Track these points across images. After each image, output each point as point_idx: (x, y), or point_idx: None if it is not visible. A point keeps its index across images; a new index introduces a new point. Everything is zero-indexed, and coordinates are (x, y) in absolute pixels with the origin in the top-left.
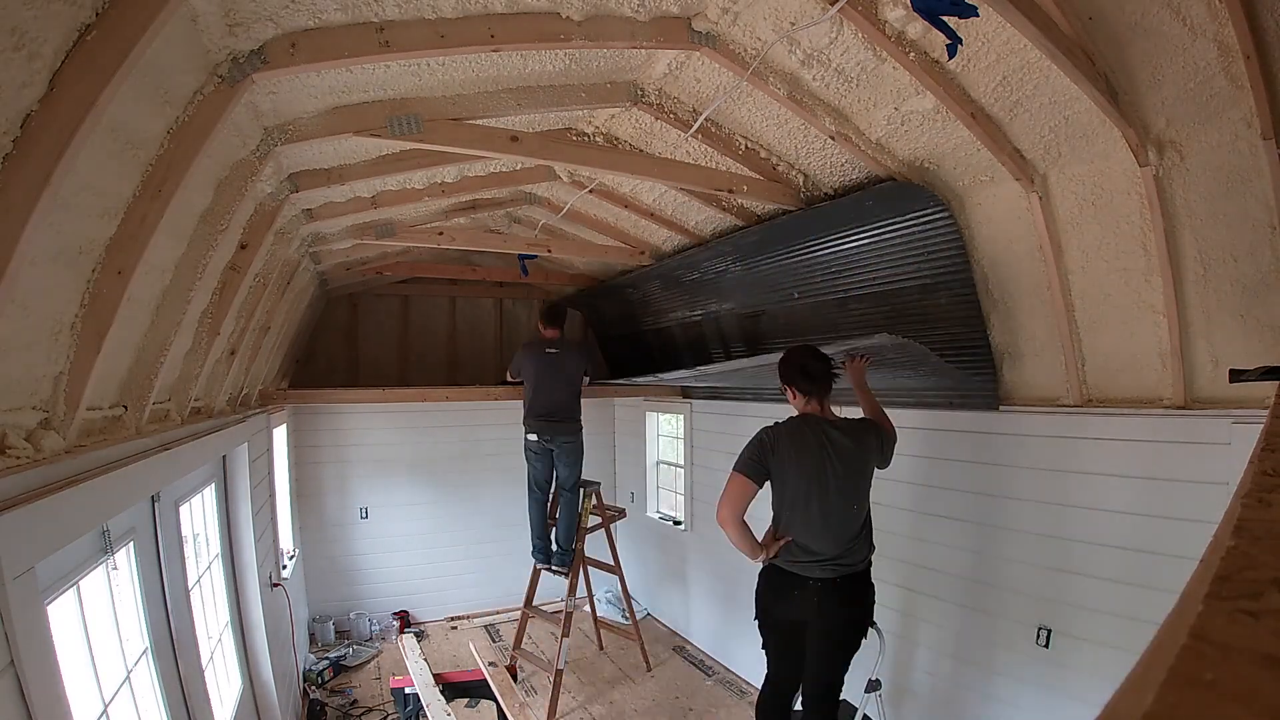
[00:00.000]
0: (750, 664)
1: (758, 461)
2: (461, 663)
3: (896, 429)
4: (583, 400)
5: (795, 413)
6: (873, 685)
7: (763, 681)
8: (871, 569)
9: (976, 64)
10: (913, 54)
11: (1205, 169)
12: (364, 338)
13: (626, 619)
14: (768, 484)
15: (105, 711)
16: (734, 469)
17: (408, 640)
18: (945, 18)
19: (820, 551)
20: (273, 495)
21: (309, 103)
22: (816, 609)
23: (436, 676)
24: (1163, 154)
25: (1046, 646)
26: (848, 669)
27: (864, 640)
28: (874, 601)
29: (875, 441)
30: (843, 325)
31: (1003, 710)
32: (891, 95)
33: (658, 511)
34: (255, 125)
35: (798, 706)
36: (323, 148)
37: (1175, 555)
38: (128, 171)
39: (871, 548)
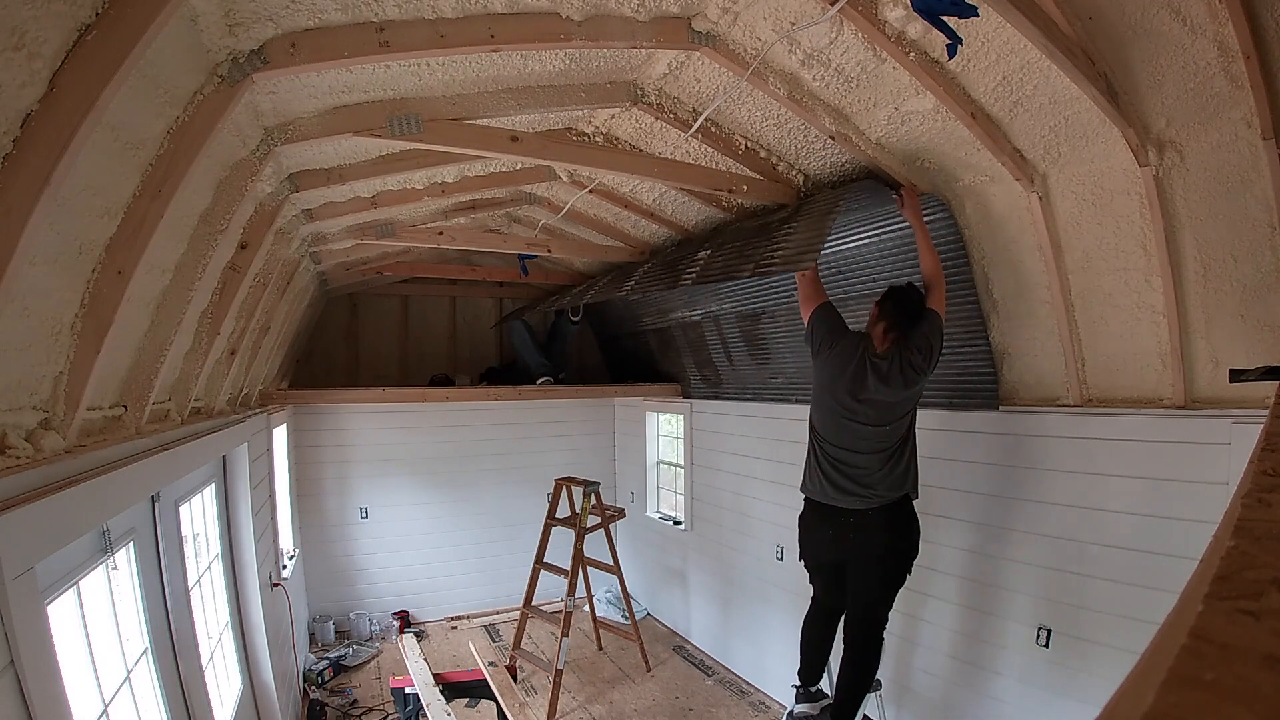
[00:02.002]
0: (750, 664)
1: (834, 319)
2: (461, 663)
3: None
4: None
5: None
6: (873, 685)
7: (810, 603)
8: (913, 507)
9: (976, 64)
10: (913, 54)
11: (1205, 169)
12: (364, 338)
13: (626, 619)
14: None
15: (105, 711)
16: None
17: (408, 640)
18: (945, 18)
19: (845, 476)
20: (273, 495)
21: (309, 103)
22: (852, 544)
23: (436, 676)
24: (1163, 154)
25: (1046, 646)
26: (890, 597)
27: (908, 575)
28: (918, 535)
29: (915, 362)
30: None
31: (1003, 710)
32: (891, 95)
33: (658, 511)
34: (255, 125)
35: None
36: (323, 148)
37: (1175, 555)
38: (128, 171)
39: (910, 484)
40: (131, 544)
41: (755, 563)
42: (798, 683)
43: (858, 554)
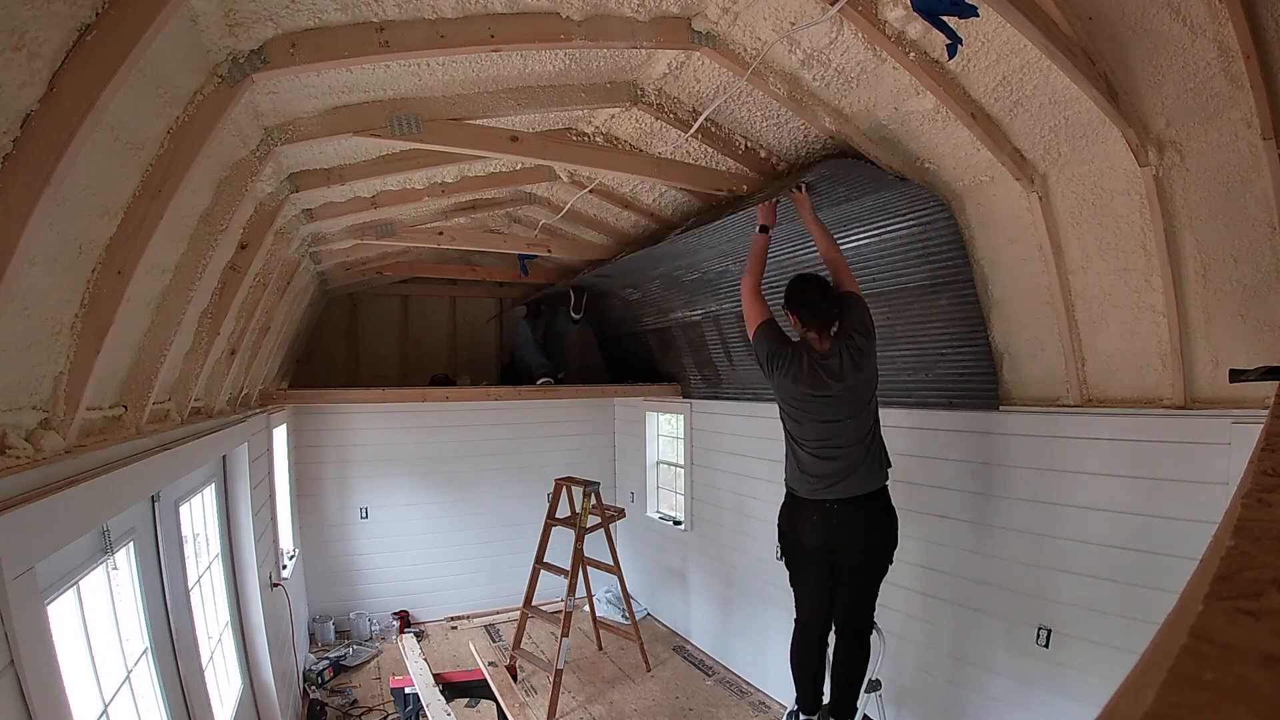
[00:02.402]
0: (750, 664)
1: (776, 338)
2: (461, 663)
3: (897, 429)
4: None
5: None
6: (873, 685)
7: (793, 626)
8: (889, 493)
9: (976, 64)
10: (913, 54)
11: (1205, 169)
12: (364, 338)
13: (626, 619)
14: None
15: (105, 711)
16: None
17: (408, 640)
18: (945, 18)
19: (828, 473)
20: (273, 495)
21: (309, 103)
22: (839, 532)
23: (436, 676)
24: (1163, 154)
25: (1046, 646)
26: (878, 586)
27: (890, 566)
28: (897, 525)
29: (863, 346)
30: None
31: (1003, 710)
32: (891, 95)
33: (658, 511)
34: (255, 125)
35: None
36: (323, 148)
37: (1175, 555)
38: (128, 171)
39: (885, 467)
40: (131, 544)
41: (755, 563)
42: (795, 709)
43: (848, 542)
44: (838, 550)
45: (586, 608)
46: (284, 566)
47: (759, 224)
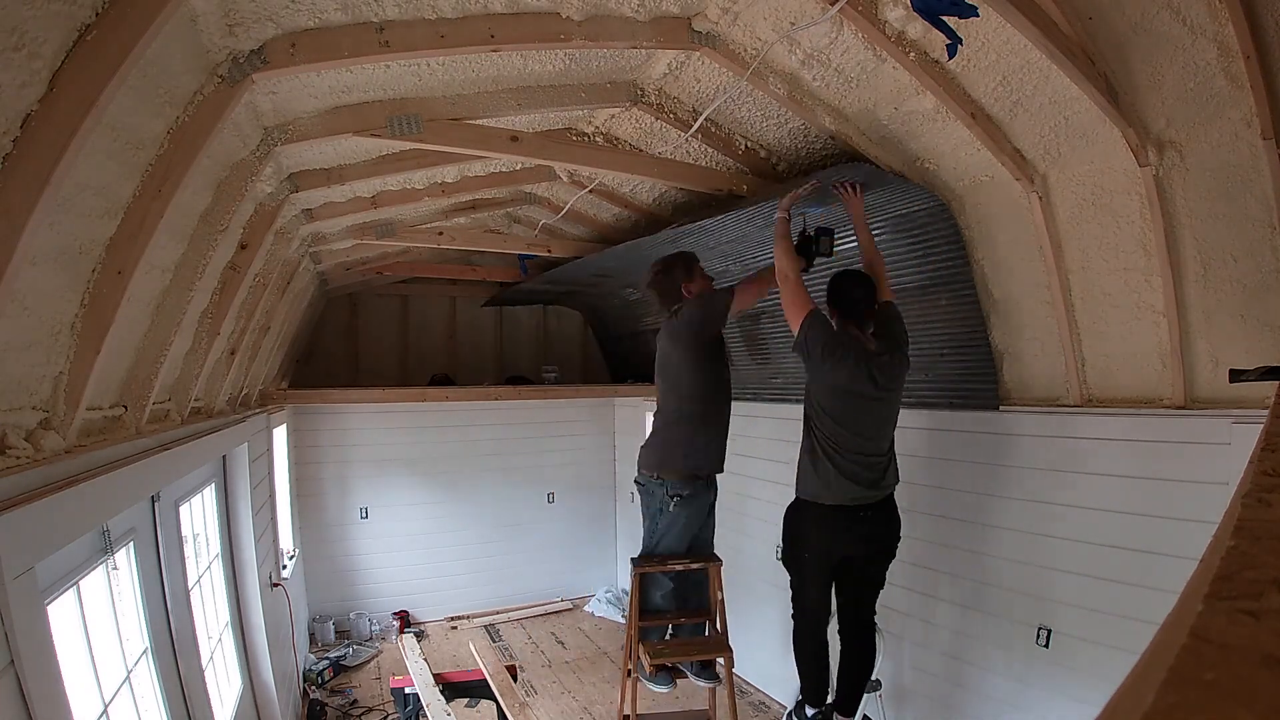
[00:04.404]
0: (750, 664)
1: (828, 326)
2: (461, 663)
3: (896, 429)
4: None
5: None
6: (873, 685)
7: (794, 622)
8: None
9: (976, 64)
10: (913, 54)
11: (1205, 169)
12: (364, 338)
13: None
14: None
15: (105, 711)
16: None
17: (408, 640)
18: (945, 18)
19: (863, 479)
20: (273, 495)
21: (309, 103)
22: (869, 540)
23: (436, 676)
24: (1163, 154)
25: (1046, 646)
26: None
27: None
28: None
29: (906, 355)
30: None
31: (1003, 710)
32: (891, 95)
33: None
34: (255, 125)
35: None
36: (323, 148)
37: (1175, 555)
38: (128, 171)
39: (899, 476)
40: (131, 544)
41: (755, 563)
42: (797, 705)
43: (877, 546)
44: (860, 556)
45: (588, 607)
46: (284, 566)
47: (780, 213)
